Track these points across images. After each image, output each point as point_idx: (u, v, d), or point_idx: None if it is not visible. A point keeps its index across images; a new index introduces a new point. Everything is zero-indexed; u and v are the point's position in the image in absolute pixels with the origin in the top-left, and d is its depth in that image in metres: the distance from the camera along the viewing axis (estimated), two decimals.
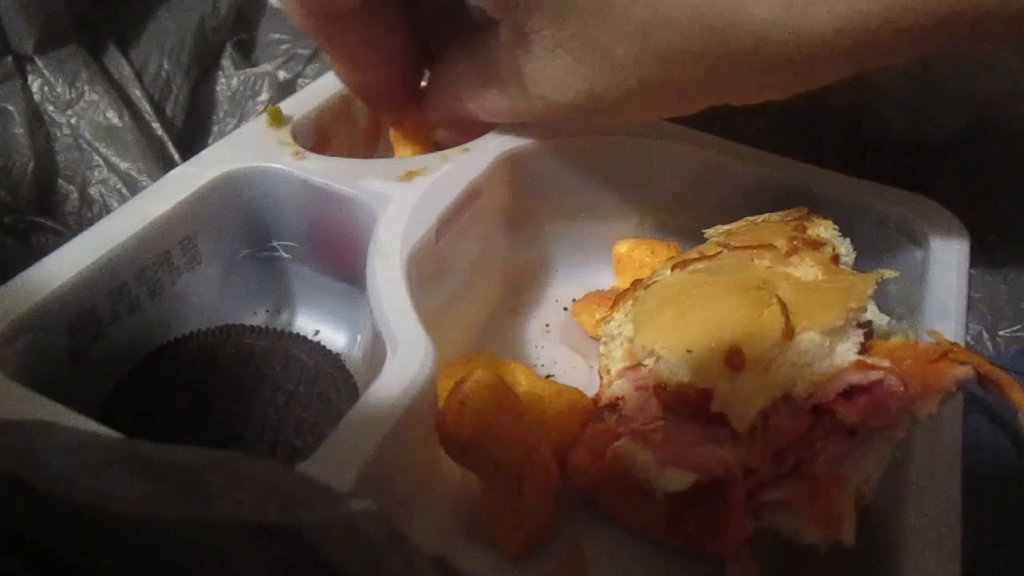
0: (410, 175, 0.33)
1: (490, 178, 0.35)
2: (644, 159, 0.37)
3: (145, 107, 0.37)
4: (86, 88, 0.36)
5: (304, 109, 0.36)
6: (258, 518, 0.19)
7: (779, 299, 0.25)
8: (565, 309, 0.39)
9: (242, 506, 0.19)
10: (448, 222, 0.32)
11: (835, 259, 0.28)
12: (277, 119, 0.35)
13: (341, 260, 0.34)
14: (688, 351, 0.25)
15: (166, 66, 0.38)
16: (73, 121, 0.35)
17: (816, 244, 0.28)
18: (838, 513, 0.23)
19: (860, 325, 0.26)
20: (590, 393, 0.33)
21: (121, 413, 0.28)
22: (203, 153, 0.33)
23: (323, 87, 0.38)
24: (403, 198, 0.32)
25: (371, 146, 0.42)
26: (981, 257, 0.34)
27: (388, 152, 0.42)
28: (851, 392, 0.25)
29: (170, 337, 0.31)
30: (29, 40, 0.35)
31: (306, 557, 0.19)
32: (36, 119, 0.35)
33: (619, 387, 0.31)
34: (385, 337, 0.26)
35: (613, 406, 0.31)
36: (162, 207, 0.30)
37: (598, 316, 0.36)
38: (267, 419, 0.29)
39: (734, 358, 0.25)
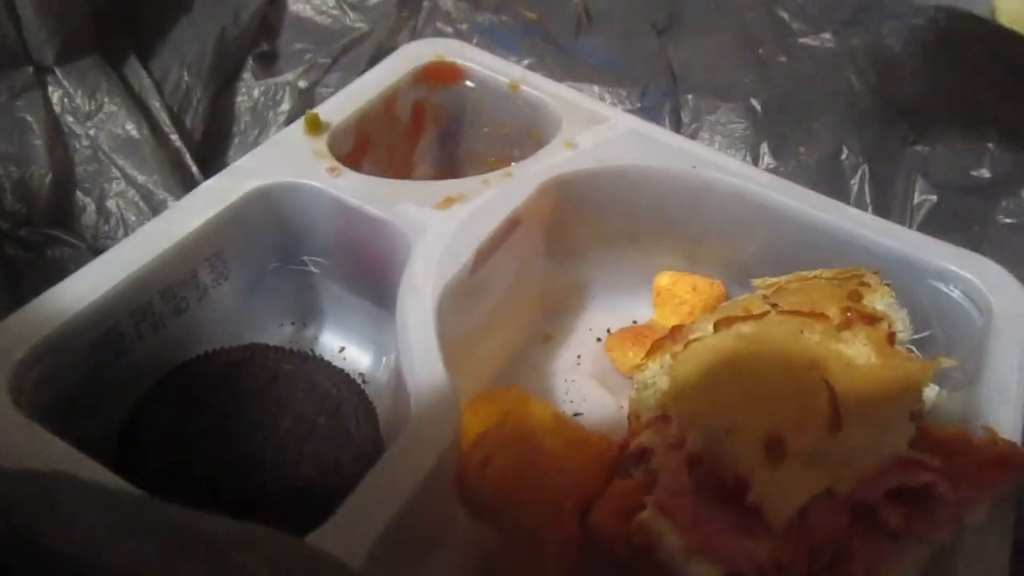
0: (449, 202, 0.32)
1: (532, 205, 0.33)
2: (693, 191, 0.35)
3: (164, 119, 0.36)
4: (105, 100, 0.35)
5: (343, 114, 0.35)
6: None
7: (828, 385, 0.24)
8: (598, 340, 0.38)
9: None
10: (486, 254, 0.31)
11: (891, 337, 0.26)
12: (315, 126, 0.34)
13: (372, 281, 0.33)
14: (727, 432, 0.24)
15: (186, 77, 0.38)
16: (92, 133, 0.35)
17: (871, 319, 0.27)
18: None
19: (913, 416, 0.24)
20: (618, 434, 0.32)
21: (141, 431, 0.28)
22: (237, 163, 0.32)
23: (363, 89, 0.36)
24: (440, 228, 0.30)
25: (412, 146, 0.40)
26: None
27: (428, 151, 0.41)
28: (897, 492, 0.23)
29: (193, 353, 0.31)
30: (50, 51, 0.35)
31: None
32: (55, 131, 0.35)
33: (648, 437, 0.30)
34: (409, 388, 0.25)
35: (640, 456, 0.30)
36: (192, 224, 0.29)
37: (630, 354, 0.35)
38: (287, 449, 0.28)
39: (775, 447, 0.23)
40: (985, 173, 0.37)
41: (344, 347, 0.35)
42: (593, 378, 0.36)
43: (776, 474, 0.23)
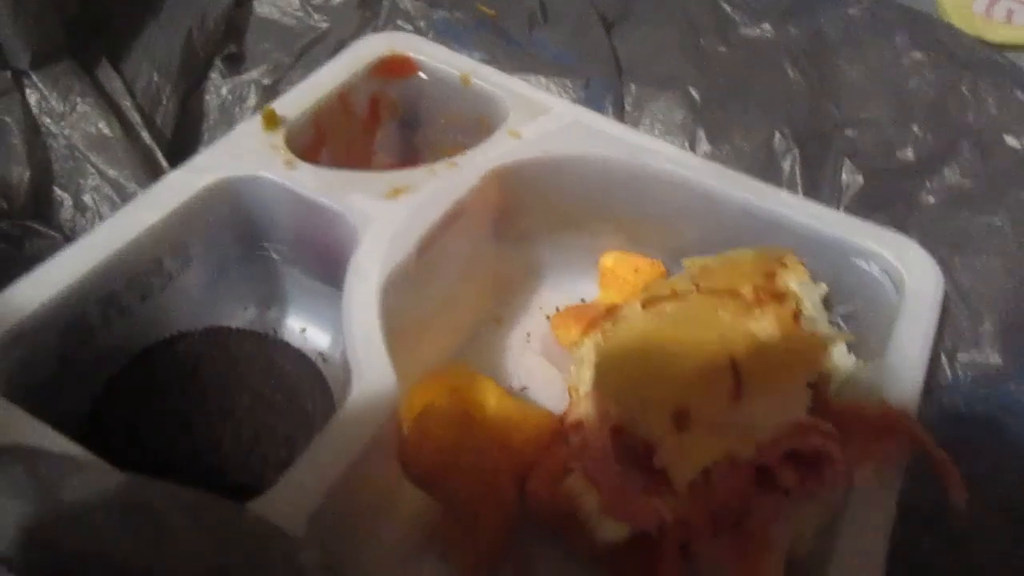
0: (397, 192, 0.34)
1: (477, 194, 0.35)
2: (633, 177, 0.37)
3: (135, 118, 0.38)
4: (79, 101, 0.37)
5: (299, 109, 0.37)
6: (214, 563, 0.21)
7: (733, 361, 0.26)
8: (548, 318, 0.40)
9: (201, 550, 0.21)
10: (431, 241, 0.33)
11: (797, 315, 0.28)
12: (272, 121, 0.36)
13: (327, 266, 0.35)
14: (640, 403, 0.26)
15: (156, 79, 0.40)
16: (67, 132, 0.37)
17: (780, 297, 0.29)
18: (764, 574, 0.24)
19: (810, 385, 0.27)
20: (562, 407, 0.35)
21: (108, 416, 0.30)
22: (197, 158, 0.34)
23: (318, 84, 0.38)
24: (387, 217, 0.32)
25: (370, 138, 0.42)
26: (946, 280, 0.34)
27: (388, 142, 0.43)
28: (793, 455, 0.26)
29: (160, 336, 0.33)
30: (26, 57, 0.36)
31: None
32: (33, 131, 0.37)
33: (584, 410, 0.32)
34: (351, 366, 0.27)
35: (578, 427, 0.32)
36: (154, 216, 0.31)
37: (573, 331, 0.37)
38: (245, 428, 0.30)
39: (681, 417, 0.26)
40: (910, 155, 0.39)
41: (305, 328, 0.37)
42: (541, 355, 0.38)
43: (681, 441, 0.25)
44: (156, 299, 0.33)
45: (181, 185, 0.33)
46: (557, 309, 0.40)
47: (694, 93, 0.40)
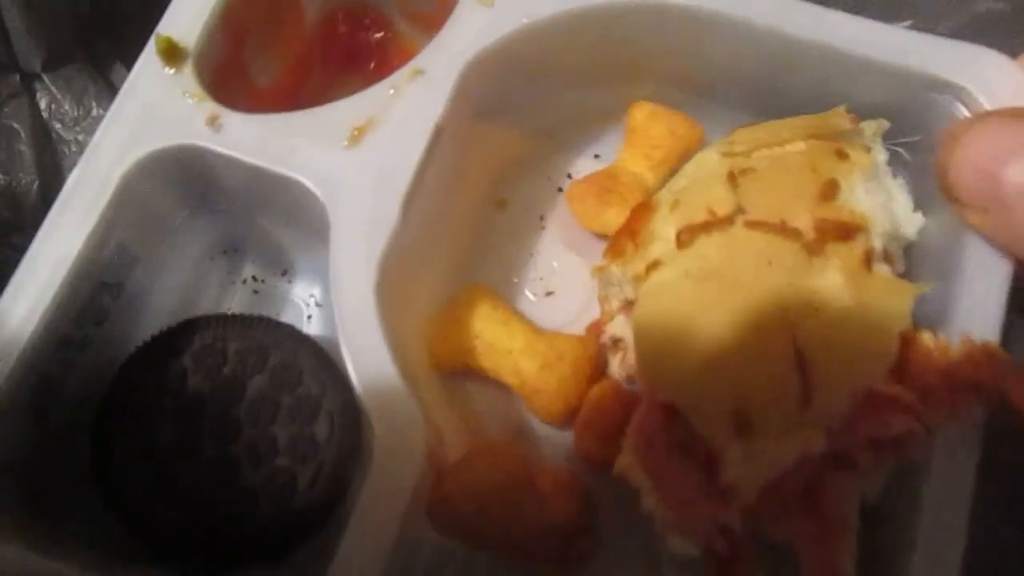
0: (358, 134, 0.27)
1: (455, 104, 0.28)
2: (638, 18, 0.29)
3: None
4: (93, 104, 0.35)
5: (199, 21, 0.28)
6: None
7: (799, 353, 0.23)
8: (559, 190, 0.34)
9: None
10: (415, 190, 0.27)
11: (868, 257, 0.24)
12: (172, 55, 0.27)
13: (294, 220, 0.30)
14: (695, 400, 0.23)
15: None
16: (80, 138, 0.35)
17: (846, 232, 0.24)
18: (839, 565, 0.23)
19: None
20: (592, 309, 0.31)
21: (104, 456, 0.27)
22: (103, 141, 0.27)
23: None
24: (356, 185, 0.26)
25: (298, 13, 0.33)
26: None
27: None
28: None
29: (131, 348, 0.29)
30: (36, 58, 0.35)
31: None
32: (44, 137, 0.35)
33: (619, 326, 0.29)
34: (370, 415, 0.24)
35: (615, 345, 0.30)
36: (76, 241, 0.25)
37: (592, 209, 0.32)
38: (255, 440, 0.28)
39: (744, 424, 0.23)
40: None
41: (287, 270, 0.33)
42: (560, 242, 0.33)
43: (746, 450, 0.23)
44: (112, 320, 0.28)
45: (93, 189, 0.26)
46: (569, 176, 0.34)
47: None
